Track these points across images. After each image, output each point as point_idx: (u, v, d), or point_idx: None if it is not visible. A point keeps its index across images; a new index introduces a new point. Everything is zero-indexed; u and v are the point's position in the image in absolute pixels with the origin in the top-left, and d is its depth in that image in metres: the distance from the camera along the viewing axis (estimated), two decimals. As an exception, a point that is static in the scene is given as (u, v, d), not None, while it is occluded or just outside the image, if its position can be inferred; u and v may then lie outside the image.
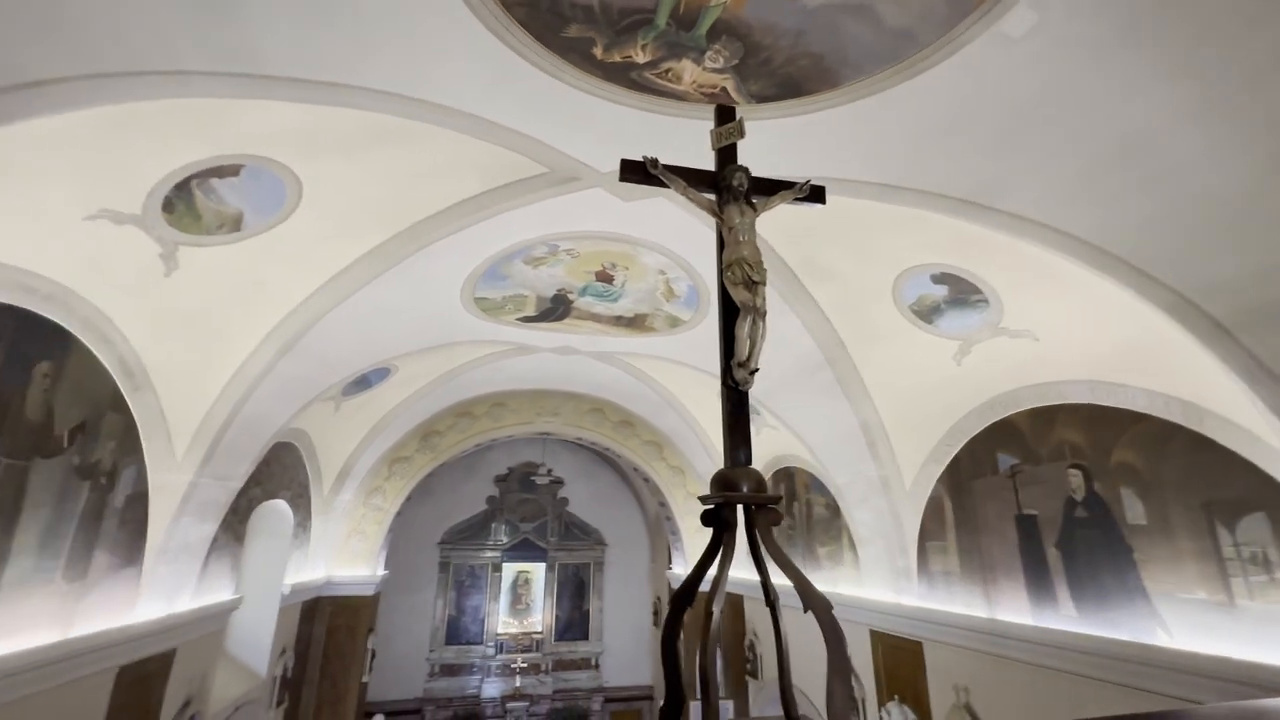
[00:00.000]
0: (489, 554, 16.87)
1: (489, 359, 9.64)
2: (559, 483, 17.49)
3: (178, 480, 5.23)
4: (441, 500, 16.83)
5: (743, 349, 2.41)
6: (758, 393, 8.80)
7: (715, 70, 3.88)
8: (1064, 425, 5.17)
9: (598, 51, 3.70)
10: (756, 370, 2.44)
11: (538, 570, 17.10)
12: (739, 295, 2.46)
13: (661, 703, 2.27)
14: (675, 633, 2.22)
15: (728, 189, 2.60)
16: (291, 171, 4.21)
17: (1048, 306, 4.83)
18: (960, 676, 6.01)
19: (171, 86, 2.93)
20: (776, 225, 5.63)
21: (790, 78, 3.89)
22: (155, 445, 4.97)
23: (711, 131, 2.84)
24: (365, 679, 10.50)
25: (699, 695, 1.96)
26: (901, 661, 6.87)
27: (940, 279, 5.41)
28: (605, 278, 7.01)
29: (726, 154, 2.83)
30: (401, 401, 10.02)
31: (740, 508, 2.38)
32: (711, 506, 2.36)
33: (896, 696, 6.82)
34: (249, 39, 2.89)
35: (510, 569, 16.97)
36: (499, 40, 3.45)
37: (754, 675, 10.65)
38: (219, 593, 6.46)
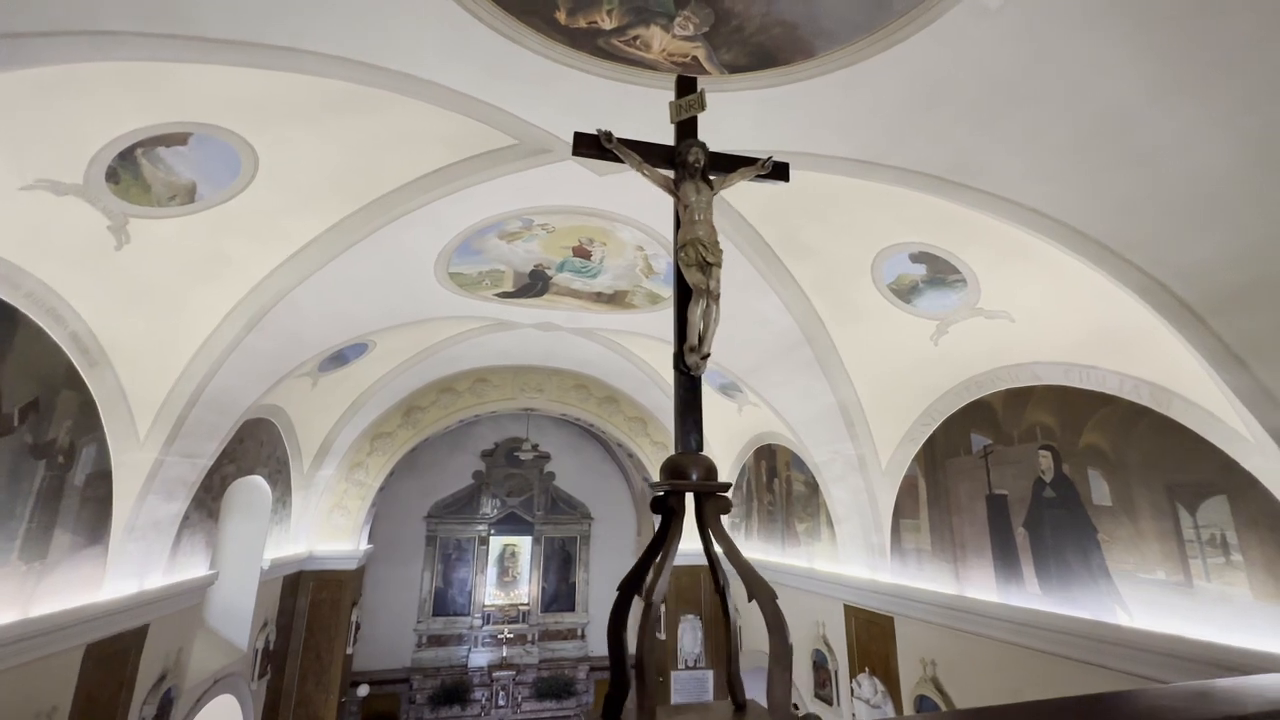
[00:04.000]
0: (476, 527, 16.98)
1: (470, 334, 9.53)
2: (545, 458, 17.57)
3: (142, 458, 5.14)
4: (428, 475, 16.85)
5: (694, 333, 2.34)
6: (739, 370, 8.78)
7: (685, 38, 3.72)
8: (1036, 407, 5.17)
9: (560, 15, 3.52)
10: (708, 355, 2.38)
11: (524, 543, 17.25)
12: (692, 277, 2.38)
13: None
14: (622, 621, 2.17)
15: (683, 165, 2.50)
16: (244, 140, 4.04)
17: (1024, 288, 4.78)
18: (928, 651, 6.13)
19: (97, 48, 2.75)
20: (754, 201, 5.52)
21: (763, 47, 3.74)
22: (116, 423, 4.86)
23: (670, 103, 2.71)
24: (349, 651, 10.61)
25: (634, 682, 1.94)
26: (874, 635, 7.00)
27: (919, 258, 5.33)
28: (583, 254, 6.88)
29: (686, 127, 2.72)
30: (381, 377, 9.91)
31: (691, 495, 2.36)
32: (661, 494, 2.32)
33: (867, 669, 6.96)
34: (179, -3, 2.72)
35: (497, 542, 17.10)
36: (452, 1, 3.28)
37: (733, 646, 10.85)
38: (193, 569, 6.44)
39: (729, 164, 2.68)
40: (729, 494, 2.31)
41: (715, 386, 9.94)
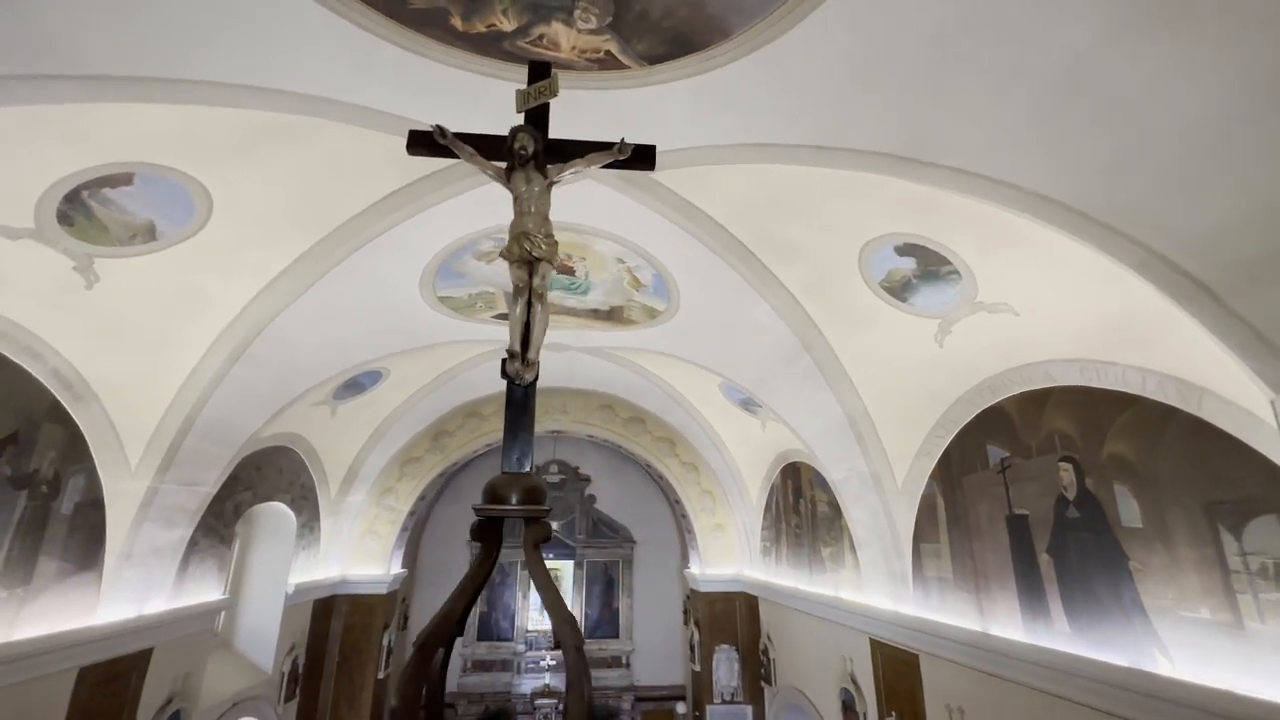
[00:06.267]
0: (518, 551, 16.97)
1: (481, 359, 9.57)
2: (585, 480, 17.44)
3: (134, 487, 5.38)
4: (471, 498, 17.04)
5: (515, 336, 2.09)
6: (745, 383, 8.30)
7: (591, 31, 3.52)
8: (1054, 412, 4.47)
9: (456, 22, 3.42)
10: (534, 361, 2.10)
11: (566, 568, 17.08)
12: (513, 274, 2.14)
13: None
14: (418, 688, 1.73)
15: (510, 153, 2.28)
16: (190, 177, 4.17)
17: (1022, 276, 4.17)
18: (954, 695, 5.37)
19: (-10, 94, 2.89)
20: (717, 203, 5.17)
21: (677, 32, 3.48)
22: (106, 454, 5.12)
23: (518, 91, 2.51)
24: (381, 675, 10.74)
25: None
26: (900, 674, 6.26)
27: (905, 250, 4.82)
28: (566, 269, 6.74)
29: (536, 117, 2.50)
30: (402, 403, 10.11)
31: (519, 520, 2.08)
32: (480, 520, 2.05)
33: (894, 713, 6.21)
34: (51, 36, 2.81)
35: (539, 566, 17.05)
36: (340, 17, 3.24)
37: (768, 681, 10.14)
38: (203, 594, 6.67)
39: (575, 150, 2.43)
40: (547, 518, 2.01)
41: (736, 402, 9.48)
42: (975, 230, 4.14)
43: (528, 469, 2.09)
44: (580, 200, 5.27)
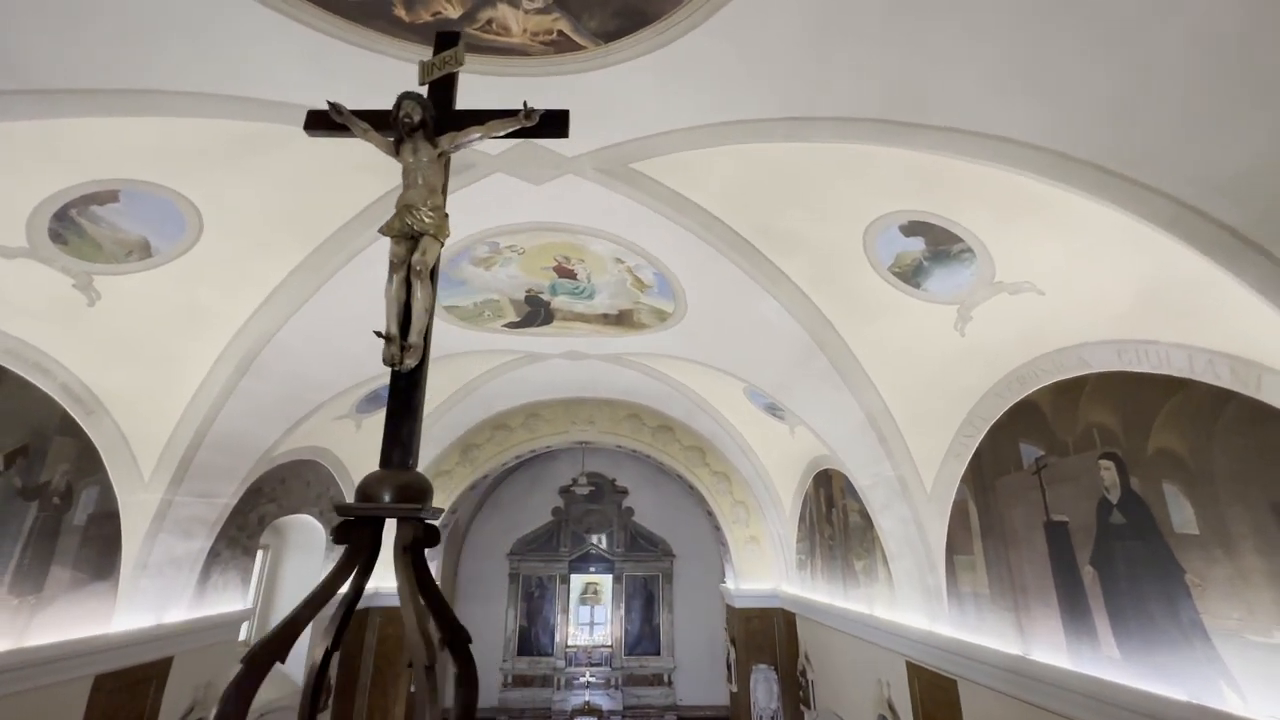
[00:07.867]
0: (557, 565, 16.90)
1: (500, 370, 9.57)
2: (622, 492, 17.23)
3: (148, 499, 5.54)
4: (509, 512, 17.17)
5: (391, 318, 1.90)
6: (766, 386, 7.88)
7: (539, 11, 3.36)
8: (1091, 402, 3.91)
9: (400, 12, 3.34)
10: (412, 347, 1.90)
11: (605, 581, 16.86)
12: (391, 249, 1.95)
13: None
14: (240, 706, 1.51)
15: (397, 124, 2.11)
16: (175, 192, 4.26)
17: (1041, 249, 3.69)
18: (995, 727, 4.77)
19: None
20: (712, 191, 4.89)
21: (628, 4, 3.27)
22: (119, 467, 5.29)
23: (421, 63, 2.35)
24: (414, 688, 10.75)
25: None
26: (939, 701, 5.66)
27: (911, 229, 4.39)
28: (566, 273, 6.59)
29: (441, 89, 2.33)
30: (426, 416, 10.08)
31: (394, 522, 1.88)
32: (349, 520, 1.86)
33: (934, 745, 5.61)
34: None
35: (578, 580, 16.89)
36: (286, 18, 3.21)
37: (808, 704, 9.51)
38: (226, 604, 6.82)
39: (473, 119, 2.24)
40: (425, 519, 1.79)
41: (761, 407, 9.05)
42: (983, 200, 3.70)
43: (410, 465, 1.89)
44: (564, 198, 5.11)
